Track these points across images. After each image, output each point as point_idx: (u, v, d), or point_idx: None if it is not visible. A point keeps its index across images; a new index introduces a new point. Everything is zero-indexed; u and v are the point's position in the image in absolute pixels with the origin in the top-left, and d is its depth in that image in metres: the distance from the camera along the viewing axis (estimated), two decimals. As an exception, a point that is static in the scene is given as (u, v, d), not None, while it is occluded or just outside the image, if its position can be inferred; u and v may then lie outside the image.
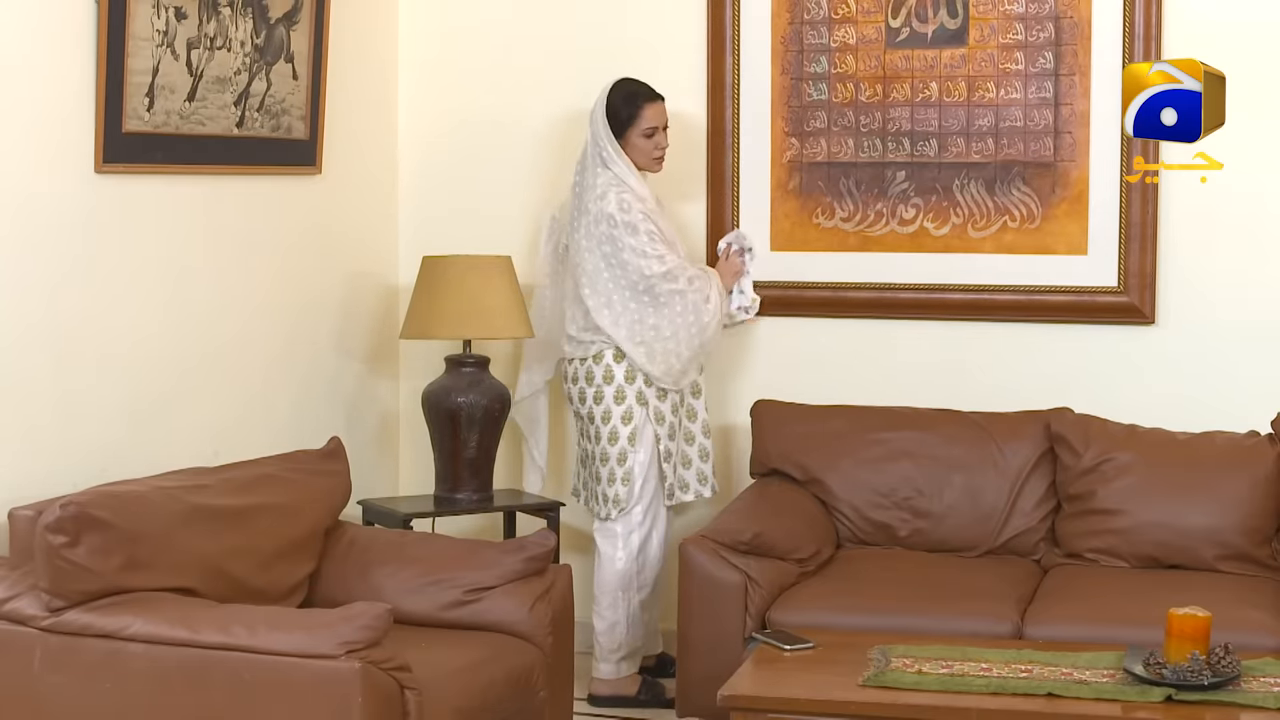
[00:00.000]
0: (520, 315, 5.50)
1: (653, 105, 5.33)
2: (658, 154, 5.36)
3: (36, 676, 3.92)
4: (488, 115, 5.92)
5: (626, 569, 5.35)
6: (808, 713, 4.04)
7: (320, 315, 5.55)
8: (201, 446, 4.85)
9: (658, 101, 5.35)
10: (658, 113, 5.34)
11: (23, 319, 4.32)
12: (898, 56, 5.56)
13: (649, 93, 5.35)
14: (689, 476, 5.43)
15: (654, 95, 5.35)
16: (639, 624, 5.39)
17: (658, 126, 5.33)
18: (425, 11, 5.97)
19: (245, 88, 5.01)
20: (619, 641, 5.36)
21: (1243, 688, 4.00)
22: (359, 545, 4.70)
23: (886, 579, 4.94)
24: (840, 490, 5.30)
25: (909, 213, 5.59)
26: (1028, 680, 4.06)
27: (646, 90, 5.35)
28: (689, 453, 5.43)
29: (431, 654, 4.14)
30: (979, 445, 5.26)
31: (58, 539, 3.88)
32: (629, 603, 5.36)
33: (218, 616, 3.92)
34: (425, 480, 5.72)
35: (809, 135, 5.65)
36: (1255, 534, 4.99)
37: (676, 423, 5.37)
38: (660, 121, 5.34)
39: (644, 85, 5.36)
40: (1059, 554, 5.15)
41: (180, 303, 4.87)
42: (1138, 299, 5.40)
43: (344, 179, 5.61)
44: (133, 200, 4.68)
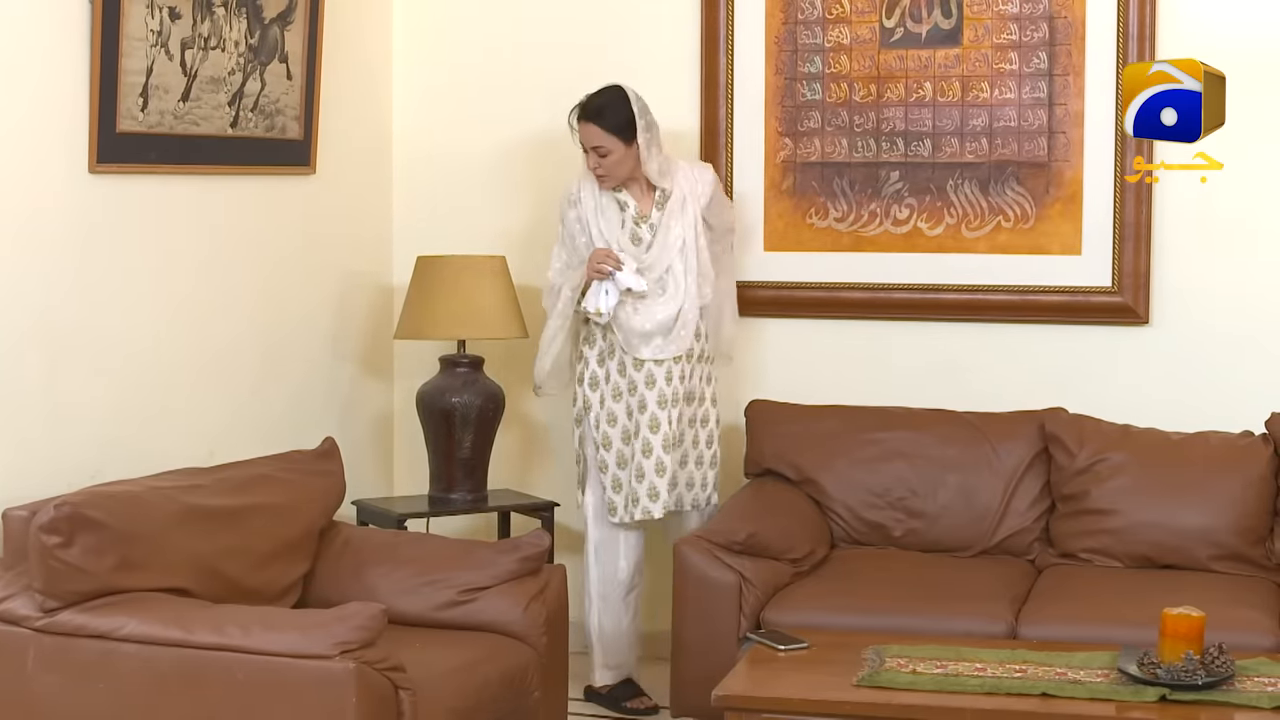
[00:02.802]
0: (514, 316, 5.50)
1: (581, 125, 5.19)
2: (592, 171, 5.23)
3: (30, 677, 3.91)
4: (482, 115, 5.92)
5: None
6: (802, 713, 4.04)
7: (315, 315, 5.54)
8: (196, 446, 4.85)
9: (583, 122, 5.17)
10: (585, 133, 5.18)
11: (17, 318, 4.32)
12: (892, 56, 5.56)
13: (580, 109, 5.20)
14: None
15: (581, 114, 5.19)
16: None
17: (584, 146, 5.20)
18: (419, 11, 5.97)
19: (239, 88, 5.01)
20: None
21: (1237, 688, 4.00)
22: (353, 545, 4.69)
23: (881, 579, 4.94)
24: (835, 490, 5.30)
25: (903, 213, 5.60)
26: (1022, 680, 4.06)
27: (582, 106, 5.20)
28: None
29: (426, 654, 4.14)
30: (973, 445, 5.27)
31: (52, 539, 3.87)
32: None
33: (212, 617, 3.92)
34: (420, 480, 5.72)
35: (803, 135, 5.65)
36: (1249, 534, 5.00)
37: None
38: (587, 142, 5.17)
39: (587, 100, 5.19)
40: (1053, 554, 5.15)
41: (175, 302, 4.86)
42: (1131, 299, 5.41)
43: (338, 179, 5.61)
44: (127, 200, 4.68)
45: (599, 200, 5.27)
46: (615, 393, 5.26)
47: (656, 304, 5.22)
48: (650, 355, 5.22)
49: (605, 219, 5.26)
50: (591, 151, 5.18)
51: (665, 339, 5.23)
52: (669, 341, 5.23)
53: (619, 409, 5.26)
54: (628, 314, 5.20)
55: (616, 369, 5.26)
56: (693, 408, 5.31)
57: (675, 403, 5.24)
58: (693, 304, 5.25)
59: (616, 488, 5.27)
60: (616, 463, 5.26)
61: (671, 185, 5.26)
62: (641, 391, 5.23)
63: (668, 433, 5.22)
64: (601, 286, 5.17)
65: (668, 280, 5.23)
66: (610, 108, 5.16)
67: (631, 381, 5.24)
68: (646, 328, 5.21)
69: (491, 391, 5.51)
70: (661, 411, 5.22)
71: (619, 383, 5.26)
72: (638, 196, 5.28)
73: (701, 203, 5.30)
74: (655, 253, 5.23)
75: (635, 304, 5.20)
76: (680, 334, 5.24)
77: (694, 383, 5.31)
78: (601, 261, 5.15)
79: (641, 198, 5.28)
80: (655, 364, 5.23)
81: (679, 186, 5.27)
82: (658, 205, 5.28)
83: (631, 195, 5.27)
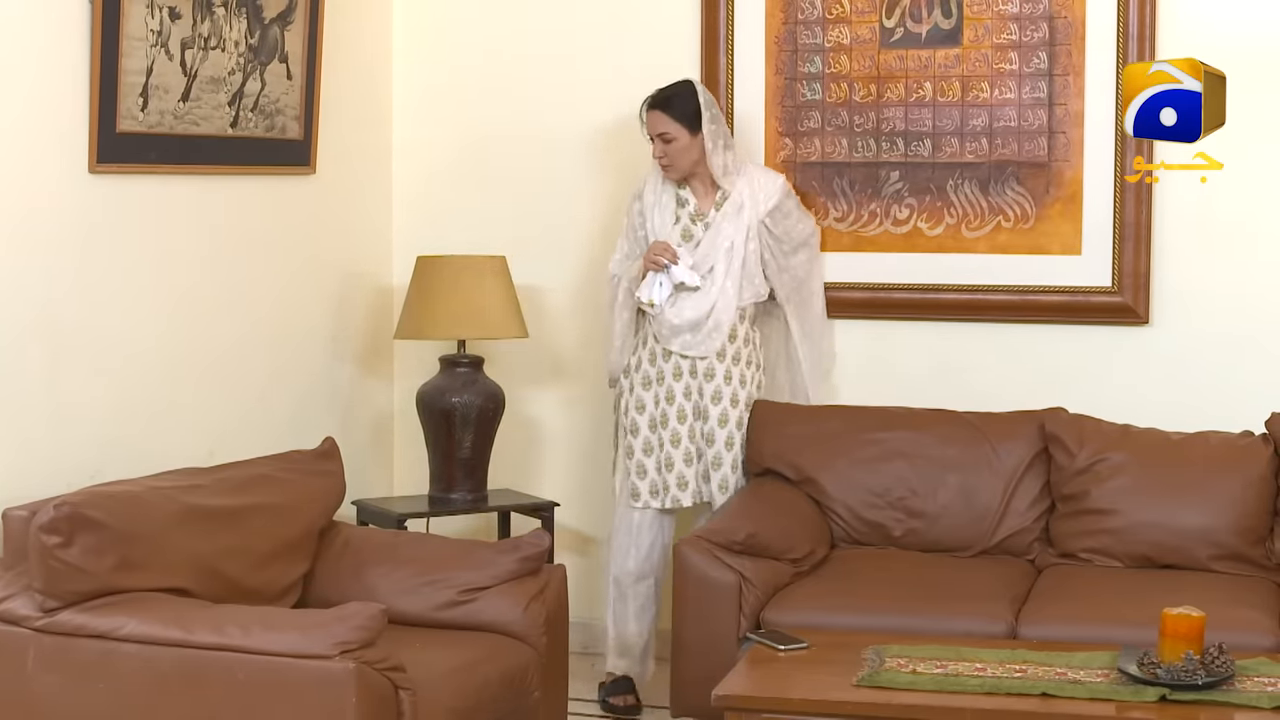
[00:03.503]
0: (514, 316, 5.50)
1: (649, 113, 5.28)
2: (657, 160, 5.31)
3: (30, 677, 3.91)
4: (482, 115, 5.92)
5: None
6: (802, 713, 4.04)
7: (315, 315, 5.54)
8: (196, 446, 4.85)
9: (652, 110, 5.26)
10: (652, 121, 5.26)
11: (17, 318, 4.32)
12: (892, 56, 5.56)
13: (650, 99, 5.28)
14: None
15: (651, 103, 5.28)
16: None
17: (651, 135, 5.28)
18: (419, 12, 5.97)
19: (239, 88, 5.01)
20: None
21: (1237, 687, 4.00)
22: (353, 545, 4.69)
23: (881, 579, 4.94)
24: (835, 490, 5.30)
25: (903, 213, 5.60)
26: (1022, 680, 4.06)
27: (652, 95, 5.28)
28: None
29: (426, 654, 4.14)
30: (973, 445, 5.26)
31: (52, 539, 3.87)
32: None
33: (212, 617, 3.92)
34: (420, 480, 5.72)
35: (803, 135, 5.65)
36: (1249, 534, 5.00)
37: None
38: (654, 130, 5.26)
39: (659, 90, 5.28)
40: (1053, 554, 5.15)
41: (174, 302, 4.86)
42: (1131, 299, 5.41)
43: (338, 179, 5.61)
44: (127, 200, 4.68)
45: (659, 195, 5.34)
46: (645, 381, 5.32)
47: (688, 300, 5.27)
48: (679, 349, 5.28)
49: (661, 213, 5.34)
50: (657, 139, 5.25)
51: (694, 335, 5.28)
52: (698, 340, 5.28)
53: (648, 397, 5.32)
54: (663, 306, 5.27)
55: (648, 358, 5.32)
56: (719, 406, 5.31)
57: (703, 396, 5.30)
58: (728, 306, 5.28)
59: (641, 474, 5.32)
60: (643, 449, 5.31)
61: (733, 187, 5.30)
62: (669, 383, 5.29)
63: (693, 425, 5.29)
64: (656, 278, 5.25)
65: (708, 279, 5.28)
66: (678, 97, 5.24)
67: (660, 371, 5.30)
68: (676, 322, 5.27)
69: (491, 391, 5.51)
70: (688, 403, 5.29)
71: (649, 371, 5.32)
72: (699, 194, 5.34)
73: (763, 209, 5.34)
74: (703, 251, 5.29)
75: (673, 298, 5.27)
76: (712, 335, 5.28)
77: (732, 384, 5.31)
78: (659, 254, 5.23)
79: (703, 196, 5.34)
80: (682, 358, 5.29)
81: (740, 190, 5.32)
82: (716, 205, 5.32)
83: (693, 192, 5.34)
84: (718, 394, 5.31)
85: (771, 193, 5.36)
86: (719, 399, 5.31)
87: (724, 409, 5.32)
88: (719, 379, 5.30)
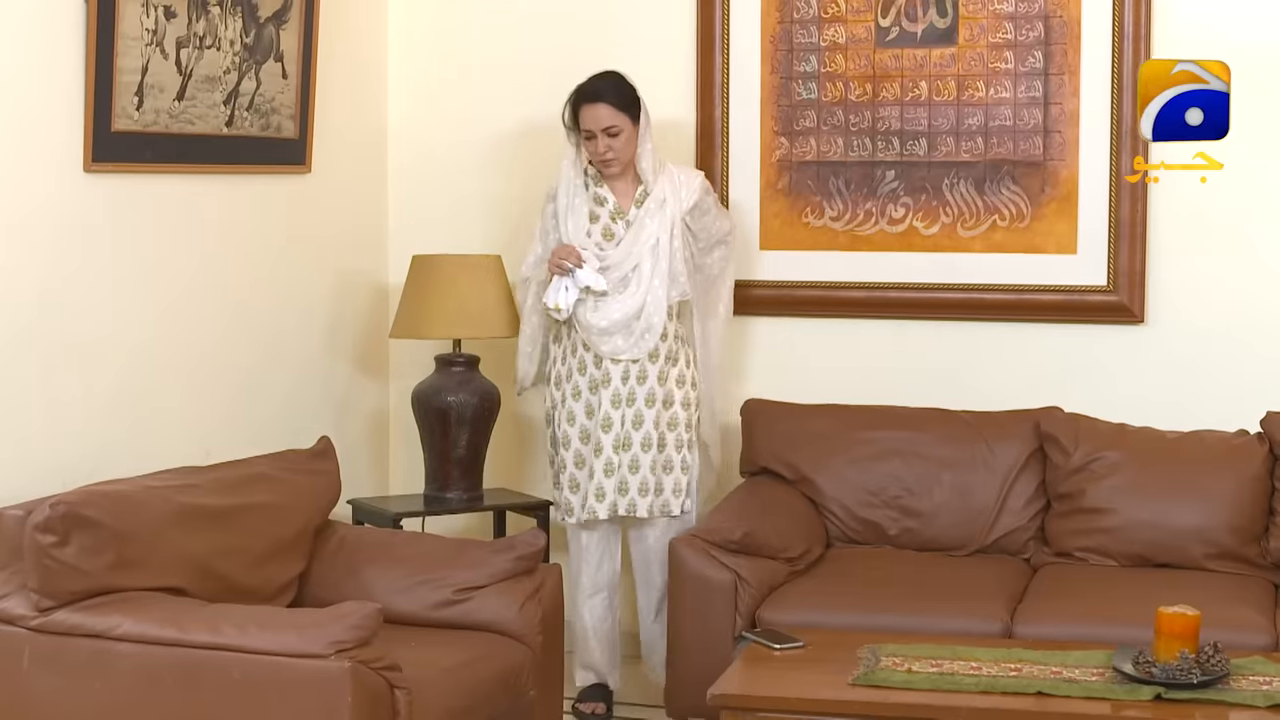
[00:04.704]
0: (510, 315, 5.50)
1: (590, 108, 5.14)
2: (599, 157, 5.17)
3: (25, 676, 3.91)
4: (477, 114, 5.92)
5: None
6: (798, 712, 4.04)
7: (310, 314, 5.54)
8: (191, 446, 4.84)
9: (591, 104, 5.13)
10: (595, 115, 5.13)
11: (12, 318, 4.32)
12: (887, 55, 5.56)
13: (584, 93, 5.15)
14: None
15: (588, 96, 5.14)
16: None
17: (592, 131, 5.13)
18: (414, 10, 5.97)
19: (234, 87, 5.01)
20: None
21: (1232, 686, 4.01)
22: (349, 544, 4.69)
23: (876, 578, 4.94)
24: (830, 489, 5.30)
25: (898, 212, 5.60)
26: (1017, 679, 4.07)
27: (583, 90, 5.15)
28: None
29: (421, 653, 4.14)
30: (968, 444, 5.27)
31: (47, 538, 3.87)
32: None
33: (207, 616, 3.92)
34: (415, 479, 5.72)
35: (798, 134, 5.65)
36: (1244, 532, 5.00)
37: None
38: (597, 125, 5.12)
39: (587, 84, 5.16)
40: (1048, 553, 5.16)
41: (169, 301, 4.86)
42: (1127, 298, 5.41)
43: (333, 178, 5.61)
44: (122, 199, 4.67)
45: (572, 198, 5.24)
46: (575, 392, 5.22)
47: (615, 301, 5.17)
48: (610, 353, 5.18)
49: (574, 216, 5.23)
50: (601, 134, 5.12)
51: (626, 338, 5.17)
52: (630, 343, 5.17)
53: (578, 408, 5.22)
54: (586, 310, 5.17)
55: (577, 367, 5.22)
56: (669, 411, 5.22)
57: (631, 403, 5.18)
58: (657, 304, 5.17)
59: (574, 488, 5.22)
60: (574, 463, 5.22)
61: (654, 184, 5.23)
62: (600, 391, 5.19)
63: (619, 433, 5.18)
64: (561, 283, 5.16)
65: (632, 278, 5.17)
66: (616, 88, 5.15)
67: (592, 380, 5.19)
68: (603, 324, 5.16)
69: (487, 390, 5.51)
70: (615, 411, 5.18)
71: (579, 382, 5.21)
72: (619, 192, 5.24)
73: (684, 206, 5.25)
74: (624, 249, 5.18)
75: (595, 301, 5.17)
76: (644, 336, 5.17)
77: (667, 385, 5.21)
78: (563, 258, 5.13)
79: (623, 194, 5.24)
80: (613, 363, 5.19)
81: (661, 187, 5.23)
82: (636, 203, 5.23)
83: (613, 190, 5.24)
84: (651, 396, 5.18)
85: (693, 189, 5.27)
86: (653, 401, 5.18)
87: (674, 412, 5.21)
88: (652, 381, 5.18)
